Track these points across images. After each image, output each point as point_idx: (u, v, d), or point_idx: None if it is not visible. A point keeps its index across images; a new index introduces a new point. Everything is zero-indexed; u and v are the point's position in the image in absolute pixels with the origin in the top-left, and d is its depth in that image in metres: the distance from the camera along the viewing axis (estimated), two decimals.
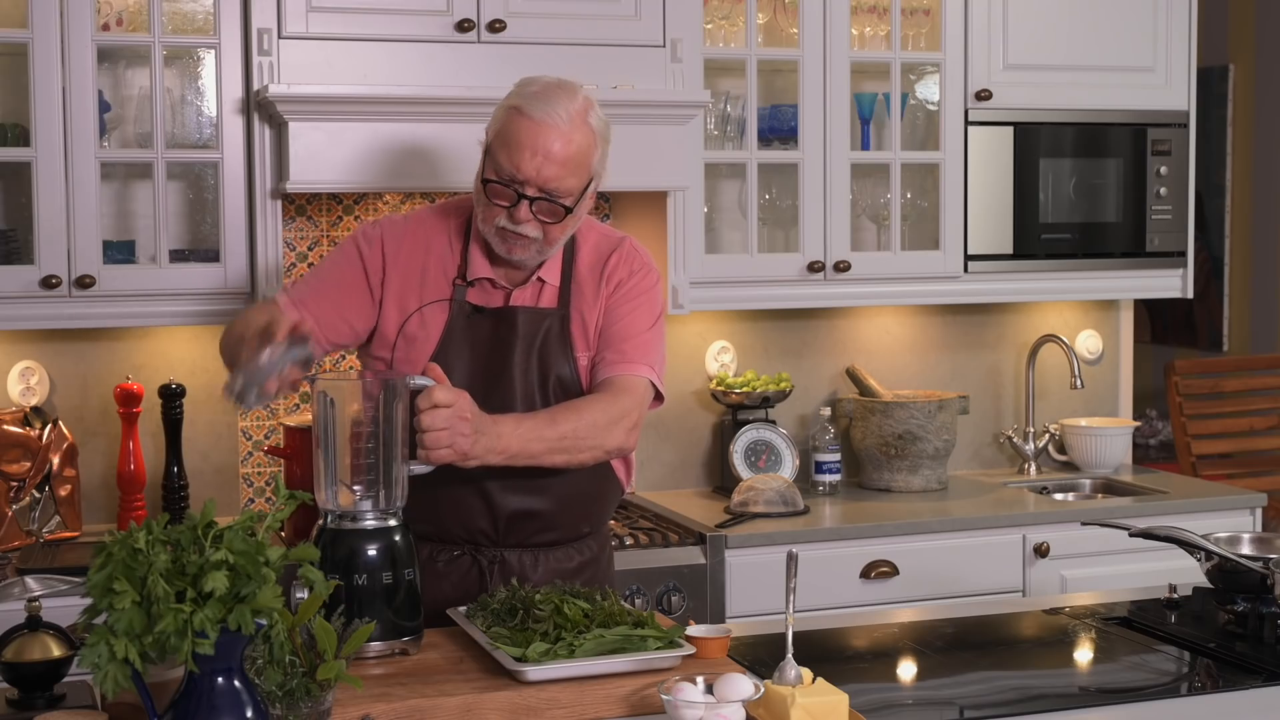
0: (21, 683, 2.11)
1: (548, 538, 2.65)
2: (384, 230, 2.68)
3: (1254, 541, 2.68)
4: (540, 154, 2.49)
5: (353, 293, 2.65)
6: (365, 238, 2.68)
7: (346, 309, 2.64)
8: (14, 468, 3.46)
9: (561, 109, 2.50)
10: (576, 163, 2.52)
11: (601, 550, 2.77)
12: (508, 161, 2.50)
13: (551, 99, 2.51)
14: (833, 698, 1.98)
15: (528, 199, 2.51)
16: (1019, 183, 4.04)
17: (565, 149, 2.50)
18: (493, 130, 2.56)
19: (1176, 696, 2.32)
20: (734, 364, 4.15)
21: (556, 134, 2.49)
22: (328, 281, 2.67)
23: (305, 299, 2.64)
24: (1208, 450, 5.28)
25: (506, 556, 2.63)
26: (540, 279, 2.63)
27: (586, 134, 2.53)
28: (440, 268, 2.65)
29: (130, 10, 3.44)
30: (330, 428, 2.33)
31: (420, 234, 2.67)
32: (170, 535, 1.74)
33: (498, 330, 2.62)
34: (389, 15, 3.40)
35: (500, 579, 2.59)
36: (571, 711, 2.11)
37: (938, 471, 4.05)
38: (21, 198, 3.40)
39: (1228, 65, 6.35)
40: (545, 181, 2.50)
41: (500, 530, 2.62)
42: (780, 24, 3.96)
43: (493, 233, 2.55)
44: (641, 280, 2.69)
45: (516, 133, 2.50)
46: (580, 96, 2.55)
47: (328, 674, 1.87)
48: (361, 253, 2.66)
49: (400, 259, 2.65)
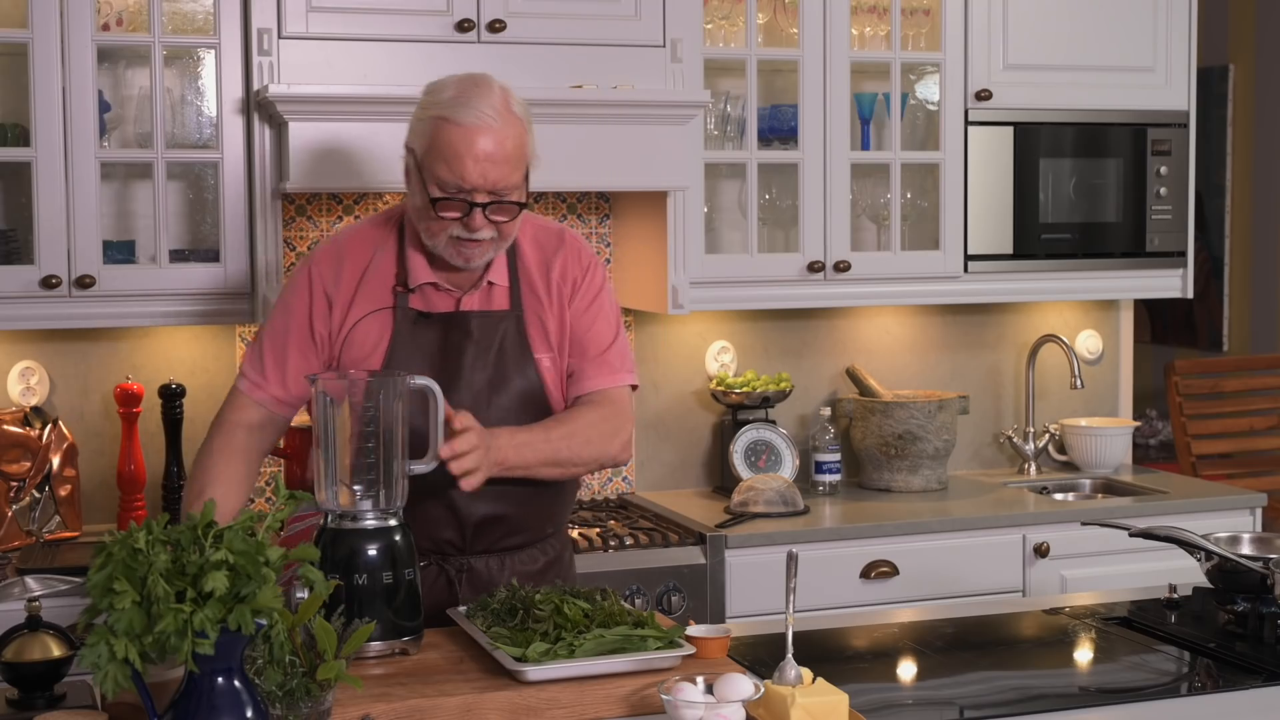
0: (21, 683, 2.12)
1: (514, 541, 2.64)
2: (318, 265, 2.63)
3: (1254, 541, 2.67)
4: (482, 159, 2.44)
5: (309, 337, 2.62)
6: (302, 281, 2.63)
7: (309, 355, 2.61)
8: (14, 468, 3.46)
9: (487, 107, 2.45)
10: (516, 156, 2.48)
11: (564, 549, 2.77)
12: (450, 174, 2.45)
13: (473, 100, 2.46)
14: (833, 698, 1.98)
15: (479, 205, 2.47)
16: (1019, 183, 4.04)
17: (503, 146, 2.46)
18: (420, 145, 2.51)
19: (1176, 696, 2.32)
20: (734, 364, 4.15)
21: (491, 134, 2.45)
22: (281, 338, 2.62)
23: (266, 370, 2.61)
24: (1208, 450, 5.28)
25: (473, 564, 2.61)
26: (489, 281, 2.60)
27: (516, 124, 2.49)
28: (379, 278, 2.60)
29: (130, 10, 3.44)
30: (330, 428, 2.33)
31: (354, 251, 2.62)
32: (170, 535, 1.74)
33: (448, 336, 2.58)
34: (389, 15, 3.40)
35: (468, 586, 2.58)
36: (571, 711, 2.11)
37: (938, 471, 4.05)
38: (21, 198, 3.40)
39: (1228, 65, 6.35)
40: (493, 184, 2.46)
41: (468, 538, 2.60)
42: (780, 24, 3.96)
43: (444, 244, 2.51)
44: (594, 278, 2.66)
45: (451, 143, 2.45)
46: (496, 87, 2.50)
47: (328, 674, 1.87)
48: (310, 292, 2.61)
49: (341, 284, 2.60)
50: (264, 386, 2.61)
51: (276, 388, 2.61)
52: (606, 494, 4.05)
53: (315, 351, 2.61)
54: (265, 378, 2.62)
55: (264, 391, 2.61)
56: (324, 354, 2.61)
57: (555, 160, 3.40)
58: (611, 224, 3.98)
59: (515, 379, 2.59)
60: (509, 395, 2.58)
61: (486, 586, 2.57)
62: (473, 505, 2.57)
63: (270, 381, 2.61)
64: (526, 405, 2.59)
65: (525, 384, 2.59)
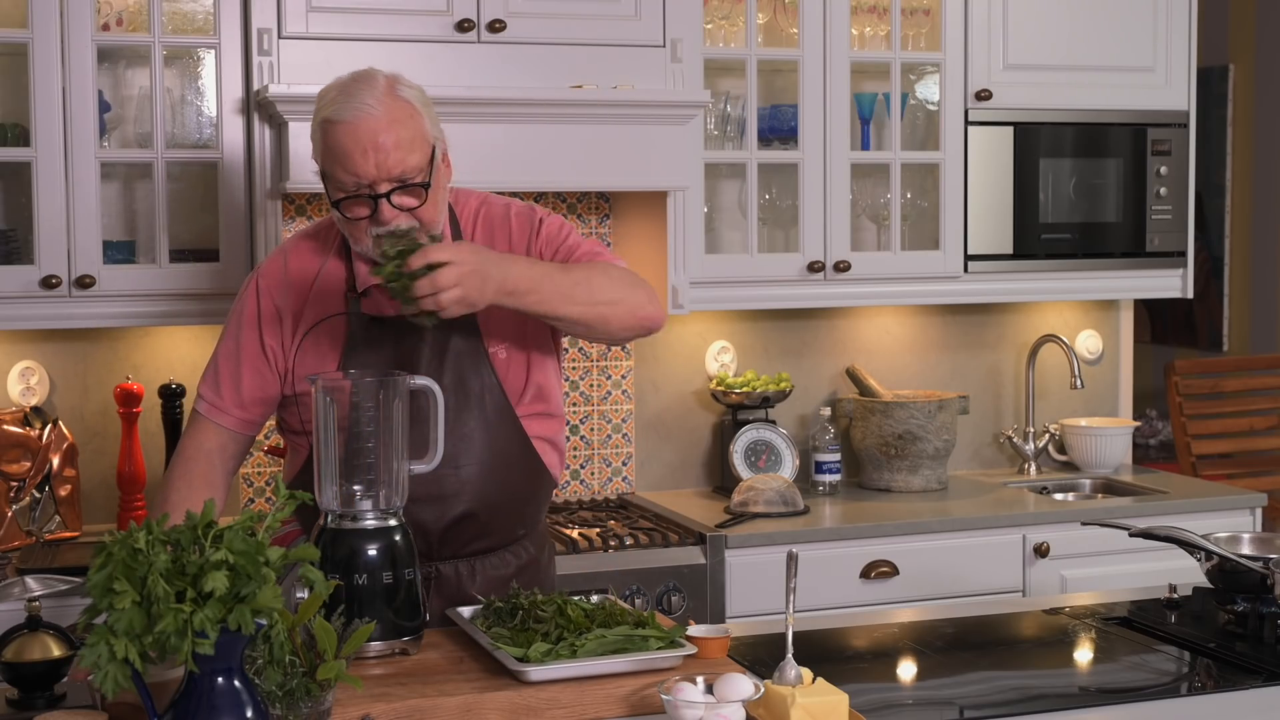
0: (21, 683, 2.11)
1: (483, 545, 2.60)
2: (265, 277, 2.61)
3: (1254, 541, 2.67)
4: (370, 148, 2.39)
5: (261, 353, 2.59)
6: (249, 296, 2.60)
7: (264, 372, 2.59)
8: (14, 468, 3.46)
9: (368, 97, 2.41)
10: (410, 138, 2.42)
11: (540, 551, 2.72)
12: (345, 173, 2.42)
13: (352, 94, 2.42)
14: (833, 698, 1.98)
15: (383, 196, 2.43)
16: (1019, 183, 4.04)
17: (391, 132, 2.40)
18: (317, 154, 2.48)
19: (1176, 696, 2.32)
20: (734, 364, 4.15)
21: (375, 122, 2.40)
22: (234, 358, 2.60)
23: (222, 390, 2.59)
24: (1208, 450, 5.28)
25: (442, 570, 2.57)
26: None
27: (403, 107, 2.43)
28: (329, 284, 2.58)
29: (130, 10, 3.44)
30: (330, 427, 2.33)
31: (301, 259, 2.60)
32: (170, 535, 1.74)
33: (403, 340, 2.55)
34: (389, 15, 3.40)
35: (437, 593, 2.55)
36: (572, 711, 2.11)
37: (938, 471, 4.05)
38: (21, 198, 3.40)
39: (1228, 65, 6.35)
40: (389, 171, 2.41)
41: (434, 544, 2.56)
42: (780, 24, 3.96)
43: (370, 247, 2.47)
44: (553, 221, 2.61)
45: (339, 142, 2.41)
46: (380, 77, 2.46)
47: (328, 674, 1.87)
48: (259, 305, 2.59)
49: (290, 294, 2.58)
50: (222, 407, 2.59)
51: (234, 408, 2.59)
52: (606, 494, 4.05)
53: (269, 366, 2.58)
54: (222, 398, 2.59)
55: (223, 413, 2.59)
56: (278, 367, 2.58)
57: (555, 160, 3.42)
58: (611, 224, 3.99)
59: (471, 380, 2.56)
60: (465, 397, 2.55)
61: (456, 593, 2.55)
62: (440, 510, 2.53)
63: (227, 402, 2.59)
64: (483, 405, 2.56)
65: (480, 384, 2.56)
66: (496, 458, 2.58)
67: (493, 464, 2.57)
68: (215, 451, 2.60)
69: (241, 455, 2.66)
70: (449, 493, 2.54)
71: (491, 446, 2.57)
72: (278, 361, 2.59)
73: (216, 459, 2.60)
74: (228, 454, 2.62)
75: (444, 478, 2.52)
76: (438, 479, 2.51)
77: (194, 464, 2.58)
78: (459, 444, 2.54)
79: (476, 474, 2.56)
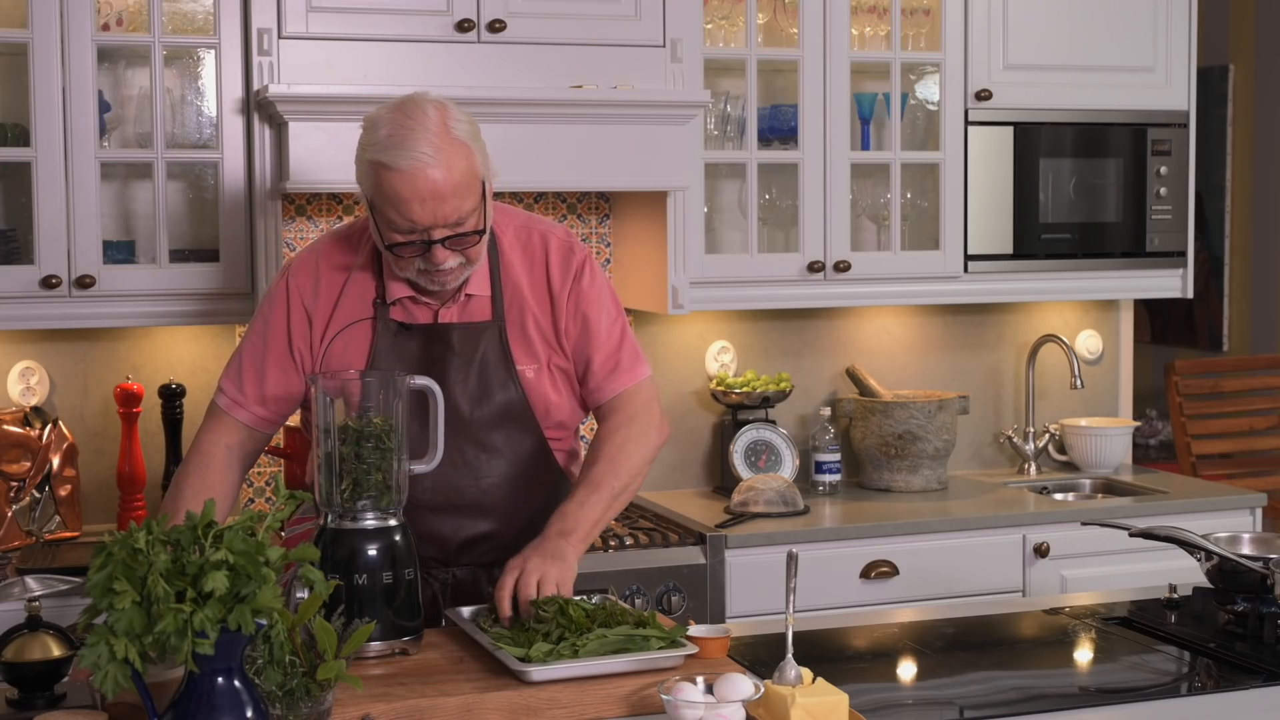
0: (21, 683, 2.11)
1: (500, 555, 2.59)
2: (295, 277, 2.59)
3: (1254, 541, 2.67)
4: (429, 199, 2.36)
5: (289, 353, 2.58)
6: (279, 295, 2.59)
7: (289, 370, 2.58)
8: (14, 468, 3.46)
9: (424, 144, 2.36)
10: (465, 184, 2.40)
11: None
12: (400, 218, 2.39)
13: (407, 141, 2.36)
14: (833, 698, 1.98)
15: (437, 242, 2.41)
16: (1019, 183, 4.04)
17: (448, 179, 2.37)
18: (366, 187, 2.45)
19: (1176, 696, 2.32)
20: (734, 364, 4.15)
21: (432, 172, 2.36)
22: (259, 355, 2.59)
23: (245, 387, 2.58)
24: (1208, 450, 5.28)
25: (459, 575, 2.60)
26: (468, 294, 2.55)
27: (459, 150, 2.40)
28: (359, 288, 2.57)
29: (130, 10, 3.44)
30: (331, 427, 2.33)
31: (333, 261, 2.59)
32: (170, 535, 1.74)
33: (430, 349, 2.55)
34: (389, 15, 3.40)
35: (452, 599, 2.57)
36: (572, 711, 2.11)
37: (938, 471, 4.05)
38: (21, 198, 3.40)
39: (1228, 65, 6.35)
40: (445, 218, 2.39)
41: (451, 554, 2.59)
42: (780, 24, 3.96)
43: (415, 275, 2.47)
44: (587, 276, 2.61)
45: (394, 189, 2.37)
46: (432, 113, 2.40)
47: (328, 674, 1.87)
48: (289, 305, 2.58)
49: (320, 296, 2.57)
50: (244, 404, 2.58)
51: (255, 404, 2.58)
52: None
53: (295, 367, 2.57)
54: (244, 394, 2.58)
55: (244, 409, 2.59)
56: (304, 369, 2.58)
57: (555, 160, 3.42)
58: (611, 224, 3.99)
59: (497, 392, 2.56)
60: (491, 408, 2.56)
61: (472, 598, 2.56)
62: (459, 525, 2.56)
63: (249, 399, 2.58)
64: (508, 418, 2.57)
65: (507, 397, 2.56)
66: (518, 471, 2.59)
67: (515, 477, 2.59)
68: (233, 446, 2.59)
69: (257, 453, 2.65)
70: (469, 502, 2.55)
71: (514, 460, 2.59)
72: (304, 361, 2.58)
73: (234, 455, 2.59)
74: (244, 451, 2.61)
75: (464, 488, 2.53)
76: (457, 488, 2.52)
77: (211, 458, 2.57)
78: (481, 455, 2.55)
79: (497, 485, 2.57)
